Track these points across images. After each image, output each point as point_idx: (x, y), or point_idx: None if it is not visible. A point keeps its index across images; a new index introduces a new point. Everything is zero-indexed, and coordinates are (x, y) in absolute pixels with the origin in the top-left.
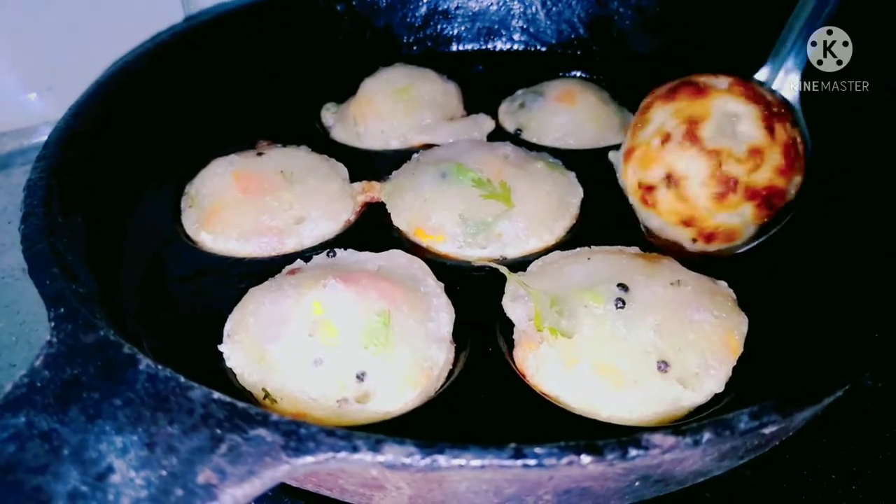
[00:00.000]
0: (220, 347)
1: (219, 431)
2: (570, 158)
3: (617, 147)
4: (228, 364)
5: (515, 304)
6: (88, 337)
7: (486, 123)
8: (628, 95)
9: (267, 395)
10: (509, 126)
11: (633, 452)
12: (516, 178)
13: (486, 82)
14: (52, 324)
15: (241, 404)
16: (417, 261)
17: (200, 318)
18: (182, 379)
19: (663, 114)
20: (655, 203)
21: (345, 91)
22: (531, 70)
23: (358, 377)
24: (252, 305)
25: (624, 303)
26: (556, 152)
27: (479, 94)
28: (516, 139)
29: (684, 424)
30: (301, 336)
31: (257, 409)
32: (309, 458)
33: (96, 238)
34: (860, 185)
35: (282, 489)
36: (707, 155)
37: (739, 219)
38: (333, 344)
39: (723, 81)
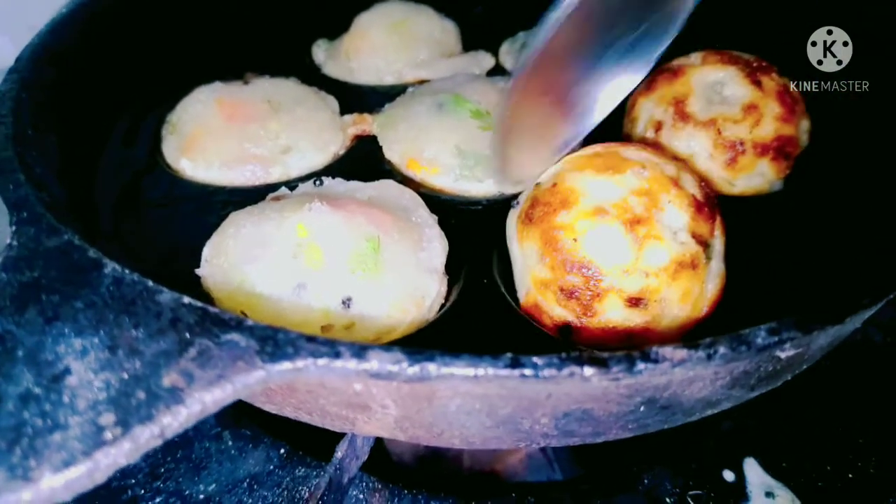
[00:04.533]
0: (198, 271)
1: (188, 335)
2: None
3: None
4: (205, 288)
5: None
6: (51, 241)
7: (485, 60)
8: None
9: None
10: (510, 66)
11: (640, 366)
12: None
13: (484, 24)
14: (13, 228)
15: (213, 309)
16: (409, 191)
17: (177, 244)
18: (150, 283)
19: (649, 105)
20: None
21: (337, 29)
22: (534, 13)
23: (344, 302)
24: (232, 228)
25: None
26: None
27: (477, 36)
28: None
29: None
30: (284, 258)
31: (231, 314)
32: (286, 364)
33: (69, 159)
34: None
35: (262, 426)
36: (703, 127)
37: (761, 178)
38: (318, 267)
39: (695, 57)
